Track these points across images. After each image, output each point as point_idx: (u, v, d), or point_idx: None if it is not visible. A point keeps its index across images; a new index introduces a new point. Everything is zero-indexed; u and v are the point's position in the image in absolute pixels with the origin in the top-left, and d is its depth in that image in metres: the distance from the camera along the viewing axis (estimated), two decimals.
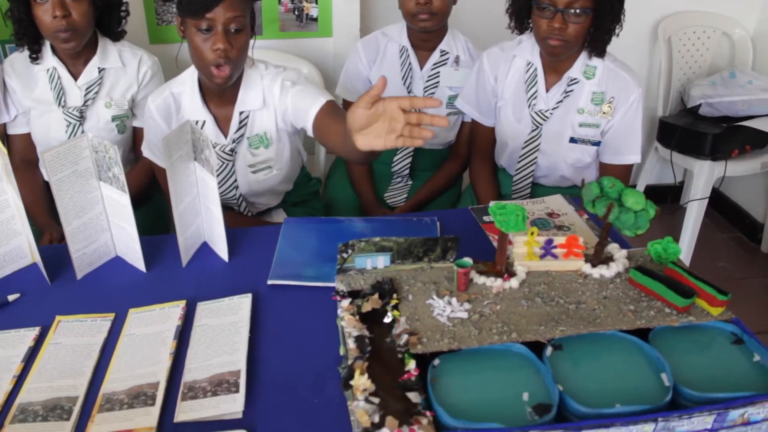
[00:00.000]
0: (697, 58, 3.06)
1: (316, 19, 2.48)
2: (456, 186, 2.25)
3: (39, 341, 1.25)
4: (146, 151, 1.84)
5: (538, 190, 1.96)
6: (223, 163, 1.77)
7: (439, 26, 2.00)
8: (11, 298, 1.36)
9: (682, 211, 2.97)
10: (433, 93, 2.09)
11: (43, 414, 1.08)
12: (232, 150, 1.76)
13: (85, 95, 1.92)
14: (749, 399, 0.93)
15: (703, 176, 2.80)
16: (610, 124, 1.80)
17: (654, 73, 3.08)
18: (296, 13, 2.46)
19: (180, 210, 1.39)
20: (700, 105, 2.84)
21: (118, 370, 1.17)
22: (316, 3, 2.45)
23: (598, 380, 0.98)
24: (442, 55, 2.07)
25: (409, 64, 2.07)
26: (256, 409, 1.07)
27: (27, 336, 1.26)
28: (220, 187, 1.79)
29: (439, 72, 2.07)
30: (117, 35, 1.98)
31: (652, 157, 3.12)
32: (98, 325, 1.29)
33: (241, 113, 1.73)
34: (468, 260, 1.15)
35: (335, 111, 1.59)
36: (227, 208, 1.91)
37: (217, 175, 1.76)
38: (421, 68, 2.09)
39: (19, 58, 1.94)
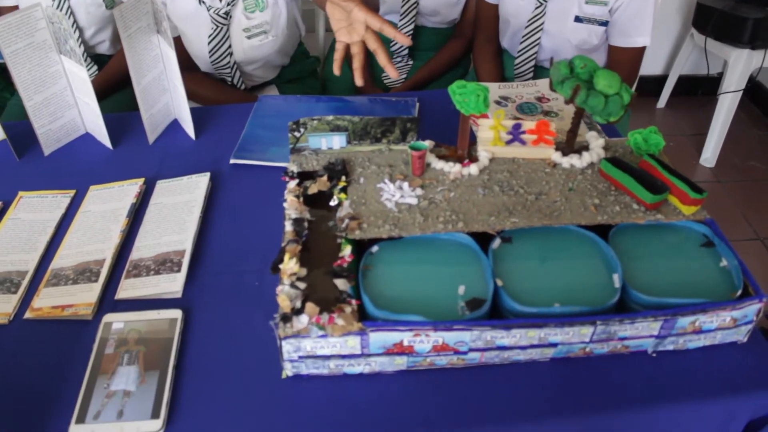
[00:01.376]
0: None
1: None
2: (460, 66, 2.12)
3: None
4: None
5: (542, 74, 1.83)
6: (217, 27, 1.70)
7: None
8: None
9: (714, 104, 2.79)
10: None
11: None
12: (226, 13, 1.68)
13: None
14: (701, 306, 0.86)
15: (739, 66, 2.61)
16: (619, 2, 1.64)
17: None
18: None
19: (143, 85, 1.33)
20: None
21: (70, 247, 1.15)
22: None
23: (543, 278, 0.92)
24: None
25: None
26: (196, 290, 1.05)
27: None
28: (213, 54, 1.73)
29: None
30: None
31: (688, 45, 2.91)
32: (58, 201, 1.27)
33: None
34: (424, 143, 1.07)
35: None
36: (220, 81, 1.85)
37: (211, 41, 1.71)
38: None
39: None
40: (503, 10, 1.81)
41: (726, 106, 2.67)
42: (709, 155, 2.77)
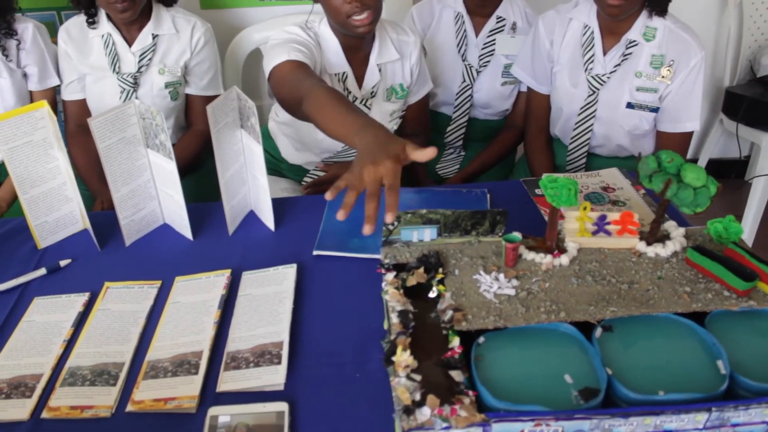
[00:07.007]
0: None
1: None
2: (509, 157, 2.19)
3: (88, 306, 1.27)
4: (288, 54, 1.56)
5: (593, 160, 1.89)
6: None
7: None
8: (63, 263, 1.39)
9: (747, 187, 2.84)
10: (488, 61, 2.02)
11: (91, 378, 1.10)
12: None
13: (139, 62, 1.92)
14: None
15: None
16: (669, 89, 1.72)
17: (722, 39, 2.94)
18: None
19: (226, 178, 1.38)
20: None
21: (163, 338, 1.18)
22: None
23: (649, 365, 0.94)
24: (498, 22, 2.00)
25: (464, 31, 2.01)
26: (297, 382, 1.06)
27: (77, 301, 1.28)
28: None
29: (494, 39, 2.01)
30: (170, 0, 1.97)
31: (717, 130, 3.00)
32: (145, 292, 1.30)
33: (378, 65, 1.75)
34: (517, 235, 1.11)
35: None
36: None
37: None
38: (477, 35, 2.02)
39: (75, 23, 1.94)
40: (556, 99, 1.89)
41: (760, 189, 2.72)
42: (746, 237, 2.80)
